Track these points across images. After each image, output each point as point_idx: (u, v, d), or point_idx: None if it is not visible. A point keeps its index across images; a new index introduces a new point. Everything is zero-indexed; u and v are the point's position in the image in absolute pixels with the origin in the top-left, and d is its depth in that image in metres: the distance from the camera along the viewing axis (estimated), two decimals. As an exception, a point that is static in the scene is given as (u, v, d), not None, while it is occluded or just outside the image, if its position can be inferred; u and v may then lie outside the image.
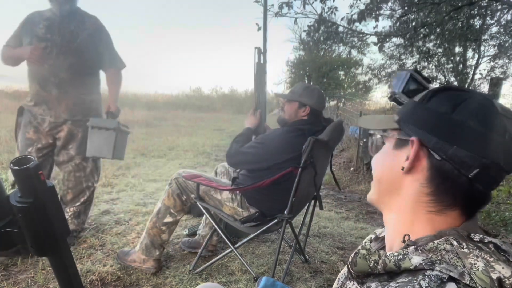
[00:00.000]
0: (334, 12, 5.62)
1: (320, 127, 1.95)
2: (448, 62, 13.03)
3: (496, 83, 2.97)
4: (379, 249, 0.62)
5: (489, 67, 12.43)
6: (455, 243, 0.50)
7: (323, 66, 18.13)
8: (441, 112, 0.54)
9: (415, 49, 11.93)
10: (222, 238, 2.14)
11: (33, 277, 1.91)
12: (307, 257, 2.31)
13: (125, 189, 3.64)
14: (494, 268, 0.46)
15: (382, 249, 0.66)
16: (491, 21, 10.07)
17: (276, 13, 5.11)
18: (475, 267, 0.46)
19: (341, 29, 5.99)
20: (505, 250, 0.49)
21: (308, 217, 2.31)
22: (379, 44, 6.33)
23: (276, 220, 1.87)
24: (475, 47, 12.12)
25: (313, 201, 2.20)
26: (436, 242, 0.51)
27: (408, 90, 0.64)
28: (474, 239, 0.51)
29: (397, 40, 10.30)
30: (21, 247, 1.73)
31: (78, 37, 2.20)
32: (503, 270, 0.46)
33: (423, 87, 0.64)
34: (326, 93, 15.59)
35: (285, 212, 1.85)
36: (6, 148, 4.83)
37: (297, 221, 2.69)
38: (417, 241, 0.54)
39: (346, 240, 2.72)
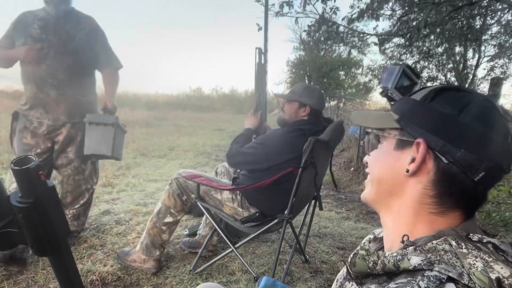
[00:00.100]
0: (336, 12, 5.61)
1: (321, 127, 1.95)
2: (449, 62, 13.02)
3: (496, 83, 2.96)
4: (378, 250, 0.62)
5: (488, 66, 12.42)
6: (454, 243, 0.49)
7: (324, 66, 18.11)
8: (446, 114, 0.53)
9: (416, 49, 11.92)
10: (222, 238, 2.14)
11: (33, 277, 1.91)
12: (307, 257, 2.31)
13: (126, 189, 3.64)
14: (493, 268, 0.46)
15: (380, 249, 0.65)
16: (491, 21, 10.07)
17: (276, 12, 5.09)
18: (474, 267, 0.46)
19: (341, 29, 5.97)
20: (504, 250, 0.49)
21: (309, 217, 2.31)
22: (379, 44, 6.33)
23: (277, 220, 1.87)
24: (475, 47, 12.11)
25: (313, 201, 2.20)
26: (435, 242, 0.51)
27: (401, 86, 0.63)
28: (473, 239, 0.50)
29: (397, 40, 10.29)
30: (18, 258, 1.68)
31: (75, 37, 2.16)
32: (502, 270, 0.46)
33: (413, 83, 0.64)
34: (326, 93, 15.58)
35: (285, 212, 1.85)
36: (6, 148, 4.83)
37: (297, 221, 2.69)
38: (416, 242, 0.54)
39: (347, 240, 2.72)
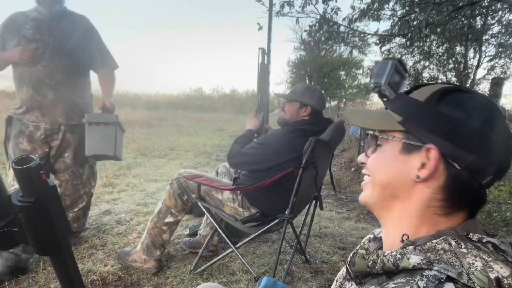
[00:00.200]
0: (337, 12, 5.61)
1: (321, 127, 1.95)
2: (449, 62, 13.02)
3: (497, 83, 2.96)
4: (377, 249, 0.62)
5: (489, 66, 12.42)
6: (453, 242, 0.49)
7: (324, 66, 18.12)
8: (457, 118, 0.52)
9: (416, 49, 11.92)
10: (223, 238, 2.14)
11: (34, 277, 1.91)
12: (308, 257, 2.31)
13: (126, 189, 3.64)
14: (493, 267, 0.46)
15: (380, 249, 0.65)
16: (492, 21, 10.06)
17: (277, 12, 5.09)
18: (473, 266, 0.46)
19: (342, 29, 5.97)
20: (504, 249, 0.49)
21: (309, 217, 2.30)
22: (380, 44, 6.32)
23: (277, 220, 1.87)
24: (476, 47, 12.10)
25: (314, 201, 2.20)
26: (434, 241, 0.51)
27: (394, 82, 0.61)
28: (473, 239, 0.50)
29: (398, 40, 10.28)
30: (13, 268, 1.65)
31: (70, 37, 2.11)
32: (501, 269, 0.45)
33: (403, 78, 0.63)
34: (327, 93, 15.59)
35: (286, 212, 1.85)
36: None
37: (298, 221, 2.69)
38: (415, 241, 0.54)
39: (347, 240, 2.71)
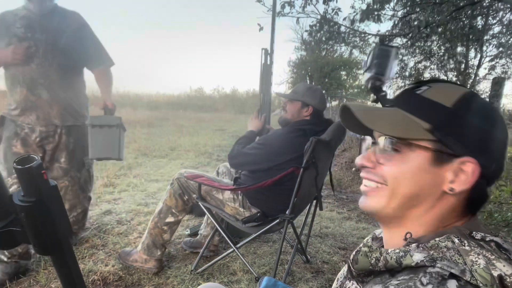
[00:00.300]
0: (337, 13, 5.61)
1: (322, 127, 1.95)
2: (449, 62, 13.01)
3: (498, 83, 2.95)
4: (380, 247, 0.62)
5: (490, 66, 12.41)
6: (456, 240, 0.50)
7: (325, 66, 18.11)
8: (486, 130, 0.53)
9: (418, 49, 11.91)
10: (223, 238, 2.14)
11: (35, 276, 1.92)
12: (308, 257, 2.31)
13: (127, 189, 3.64)
14: (495, 266, 0.46)
15: (382, 247, 0.66)
16: (493, 21, 10.04)
17: (278, 12, 5.10)
18: (476, 264, 0.46)
19: (343, 29, 5.97)
20: (507, 248, 0.49)
21: (310, 217, 2.31)
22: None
23: (278, 220, 1.87)
24: (477, 47, 12.09)
25: (314, 201, 2.20)
26: (437, 239, 0.51)
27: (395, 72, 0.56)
28: (476, 237, 0.51)
29: (399, 41, 10.28)
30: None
31: (63, 33, 2.02)
32: (504, 268, 0.46)
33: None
34: (328, 93, 15.58)
35: (286, 212, 1.85)
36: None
37: (298, 221, 2.69)
38: (418, 239, 0.54)
39: (348, 240, 2.71)
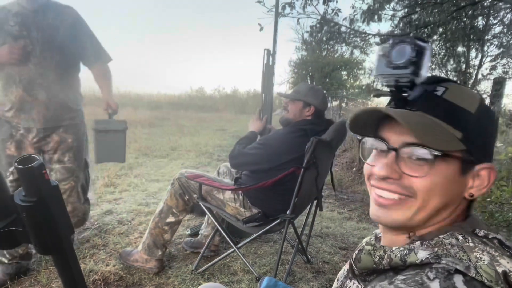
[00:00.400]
0: (337, 14, 5.62)
1: (323, 127, 1.96)
2: (449, 61, 12.98)
3: (499, 83, 2.94)
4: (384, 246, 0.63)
5: (491, 66, 12.38)
6: (460, 237, 0.50)
7: (326, 66, 18.09)
8: (494, 134, 0.57)
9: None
10: (224, 238, 2.14)
11: (36, 276, 1.92)
12: (309, 257, 2.31)
13: (128, 189, 3.65)
14: (500, 262, 0.46)
15: None
16: (494, 21, 10.02)
17: (278, 13, 5.10)
18: (480, 260, 0.46)
19: (343, 29, 5.98)
20: (509, 246, 0.50)
21: (311, 217, 2.30)
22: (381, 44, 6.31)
23: (279, 220, 1.87)
24: (478, 47, 12.07)
25: (315, 201, 2.20)
26: (441, 236, 0.51)
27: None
28: (479, 235, 0.51)
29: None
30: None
31: (59, 30, 1.94)
32: (508, 264, 0.46)
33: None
34: (328, 93, 15.58)
35: (287, 212, 1.85)
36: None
37: (299, 221, 2.69)
38: (422, 236, 0.55)
39: (349, 240, 2.71)
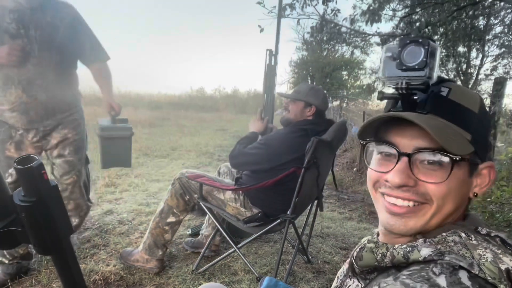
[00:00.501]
0: (336, 14, 5.63)
1: (323, 127, 1.96)
2: (449, 61, 12.98)
3: (500, 82, 2.94)
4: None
5: (491, 66, 12.38)
6: (463, 235, 0.50)
7: (326, 66, 18.10)
8: (490, 133, 0.59)
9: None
10: (225, 238, 2.14)
11: (37, 276, 1.92)
12: (310, 257, 2.30)
13: (128, 189, 3.65)
14: (503, 260, 0.46)
15: None
16: (495, 21, 10.02)
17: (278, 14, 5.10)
18: (483, 258, 0.46)
19: (343, 29, 5.99)
20: (511, 244, 0.50)
21: (311, 217, 2.30)
22: (382, 45, 6.32)
23: (279, 220, 1.87)
24: (478, 47, 12.06)
25: (316, 201, 2.20)
26: (444, 234, 0.52)
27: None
28: (482, 233, 0.52)
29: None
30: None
31: (58, 28, 1.87)
32: (511, 262, 0.46)
33: None
34: (329, 94, 15.59)
35: (288, 212, 1.85)
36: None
37: (300, 221, 2.69)
38: (425, 234, 0.55)
39: (349, 240, 2.71)
